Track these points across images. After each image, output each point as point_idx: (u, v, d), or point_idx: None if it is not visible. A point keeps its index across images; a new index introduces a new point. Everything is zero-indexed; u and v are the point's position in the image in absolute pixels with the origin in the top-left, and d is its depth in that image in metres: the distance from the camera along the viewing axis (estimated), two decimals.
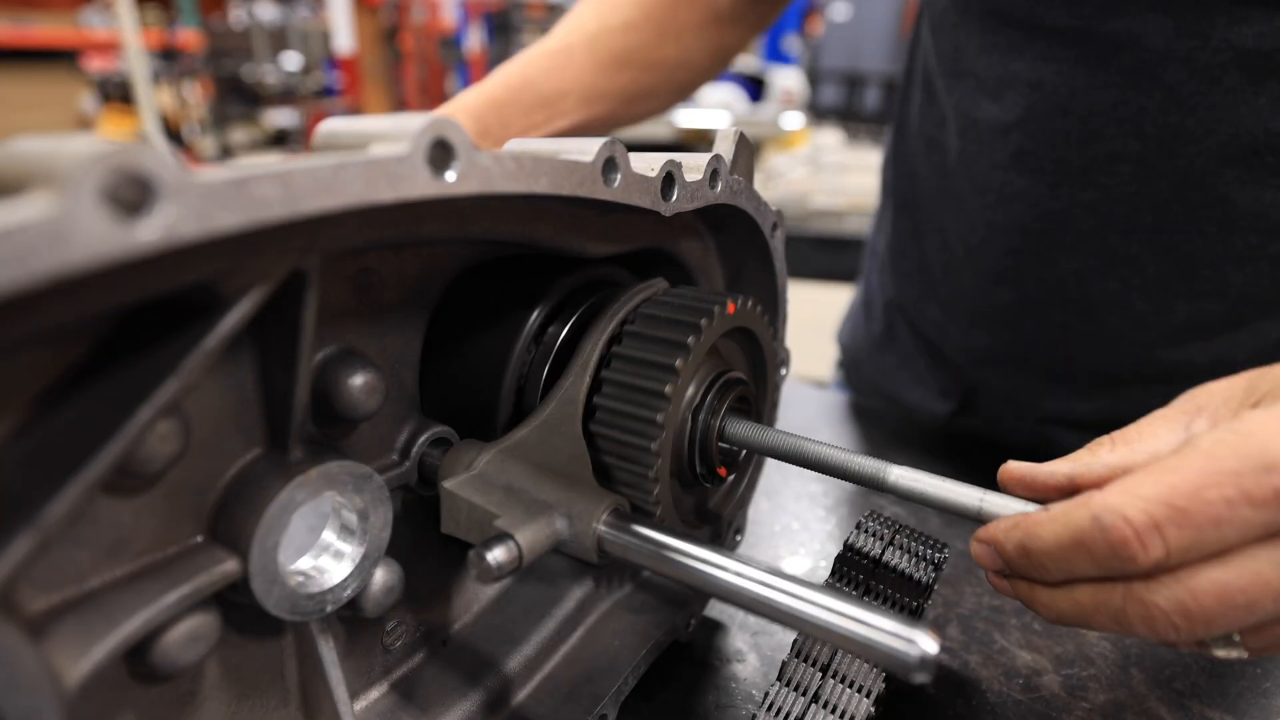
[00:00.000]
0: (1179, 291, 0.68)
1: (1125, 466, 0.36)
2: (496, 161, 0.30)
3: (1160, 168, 0.64)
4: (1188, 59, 0.59)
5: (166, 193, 0.21)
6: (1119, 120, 0.64)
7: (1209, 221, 0.64)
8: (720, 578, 0.33)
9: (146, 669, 0.31)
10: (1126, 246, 0.68)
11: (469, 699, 0.46)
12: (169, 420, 0.29)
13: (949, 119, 0.78)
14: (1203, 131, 0.61)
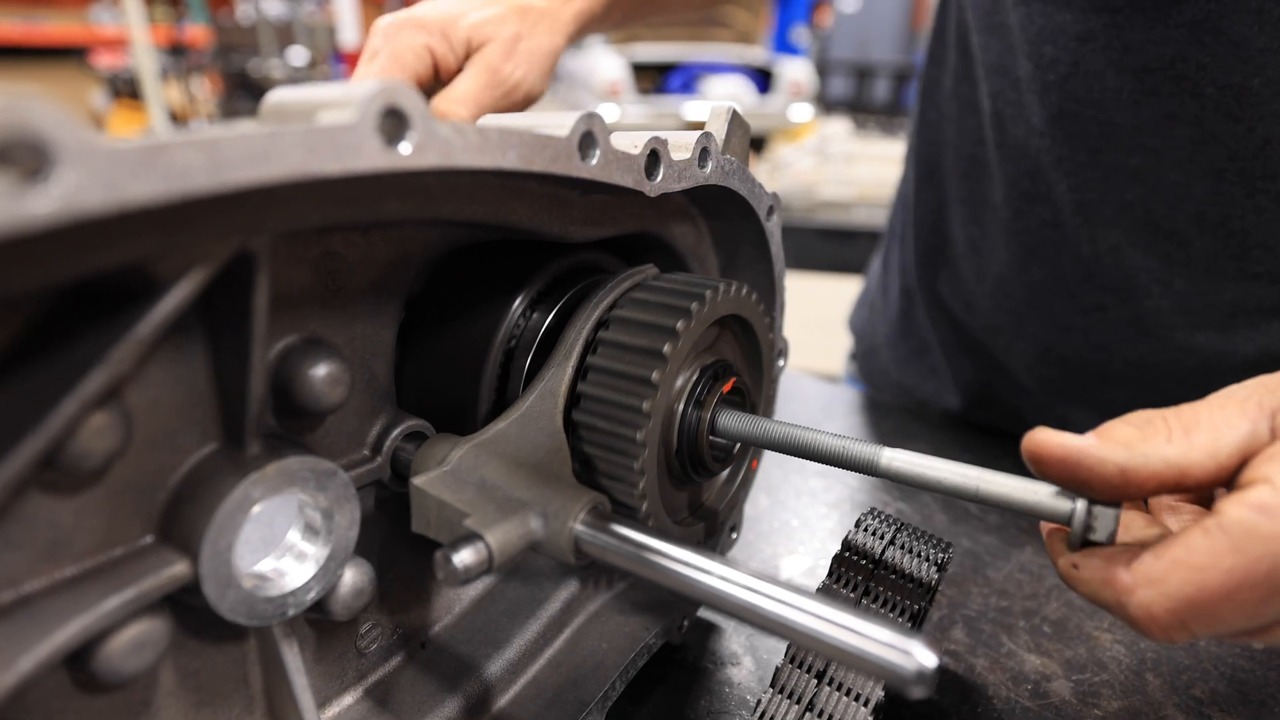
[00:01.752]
0: (1226, 271, 0.64)
1: (1181, 469, 0.32)
2: (458, 133, 0.28)
3: (1219, 132, 0.59)
4: (1259, 10, 0.55)
5: (66, 157, 0.19)
6: (1176, 78, 0.59)
7: (1267, 195, 0.60)
8: (704, 583, 0.31)
9: (90, 678, 0.29)
10: (1172, 220, 0.64)
11: (448, 705, 0.44)
12: (105, 412, 0.27)
13: (981, 80, 0.74)
14: (1270, 94, 0.56)
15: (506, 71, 0.60)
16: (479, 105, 0.59)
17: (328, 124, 0.24)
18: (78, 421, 0.25)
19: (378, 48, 0.59)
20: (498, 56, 0.60)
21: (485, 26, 0.60)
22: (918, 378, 0.96)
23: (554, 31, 0.64)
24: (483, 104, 0.59)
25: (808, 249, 2.57)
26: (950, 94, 0.81)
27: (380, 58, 0.59)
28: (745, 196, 0.49)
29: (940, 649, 0.39)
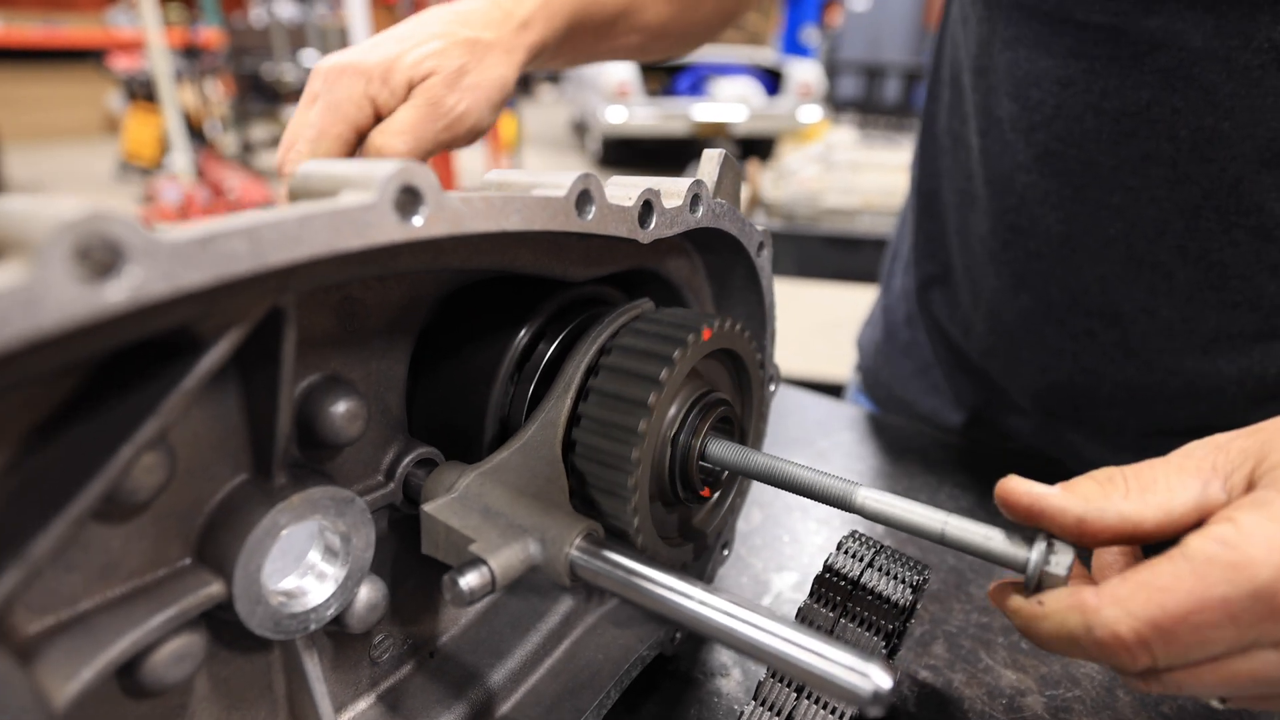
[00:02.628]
0: (1208, 301, 0.67)
1: (1135, 522, 0.36)
2: (465, 203, 0.32)
3: (1193, 172, 0.62)
4: (1227, 59, 0.58)
5: (134, 255, 0.22)
6: (1152, 121, 0.62)
7: (1242, 229, 0.63)
8: (685, 606, 0.34)
9: (136, 686, 0.33)
10: (1154, 253, 0.67)
11: (454, 710, 0.47)
12: (154, 453, 0.31)
13: (971, 116, 0.77)
14: (1239, 135, 0.60)
15: (449, 104, 0.60)
16: (418, 138, 0.58)
17: (350, 205, 0.27)
18: (129, 467, 0.28)
19: (317, 92, 0.59)
20: (439, 88, 0.59)
21: (426, 62, 0.59)
22: (919, 394, 0.98)
23: (503, 63, 0.64)
24: (422, 136, 0.59)
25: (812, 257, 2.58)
26: (945, 129, 0.85)
27: (319, 105, 0.58)
28: (736, 235, 0.52)
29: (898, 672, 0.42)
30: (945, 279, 0.90)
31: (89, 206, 0.21)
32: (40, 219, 0.21)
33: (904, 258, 1.01)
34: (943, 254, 0.90)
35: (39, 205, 0.22)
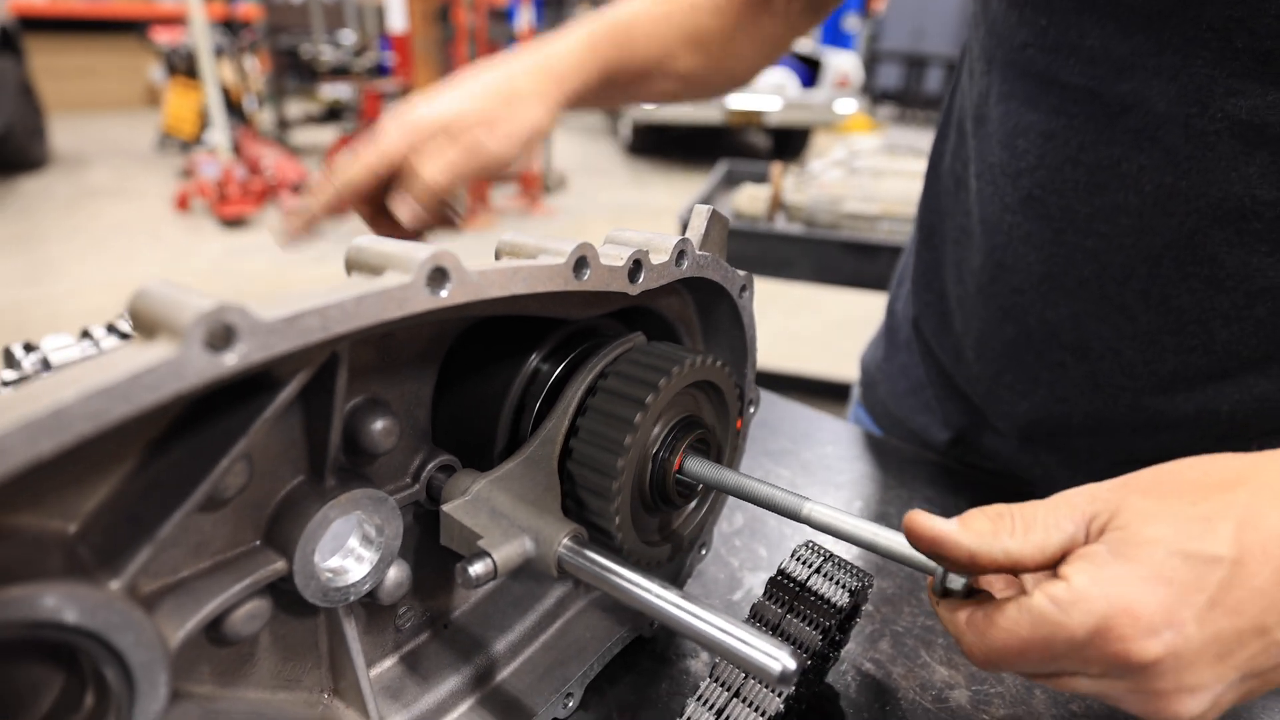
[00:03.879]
0: (1167, 344, 0.72)
1: (1016, 558, 0.43)
2: (482, 276, 0.40)
3: (1155, 224, 0.68)
4: (1186, 124, 0.63)
5: (243, 334, 0.31)
6: (1121, 176, 0.68)
7: (1197, 279, 0.68)
8: (644, 597, 0.43)
9: (219, 636, 0.42)
10: (1120, 295, 0.73)
11: (462, 672, 0.57)
12: (240, 463, 0.40)
13: (971, 160, 0.84)
14: (1195, 193, 0.65)
15: (487, 148, 0.76)
16: (457, 174, 0.75)
17: (393, 285, 0.36)
18: (222, 477, 0.38)
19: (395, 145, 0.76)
20: (480, 134, 0.76)
21: (469, 115, 0.76)
22: (911, 411, 1.05)
23: (536, 111, 0.79)
24: (461, 172, 0.75)
25: (830, 262, 2.64)
26: (948, 169, 0.91)
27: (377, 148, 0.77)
28: (719, 282, 0.60)
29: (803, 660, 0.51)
30: (940, 308, 0.97)
31: (216, 301, 0.30)
32: (183, 306, 0.30)
33: (906, 285, 1.07)
34: (939, 284, 0.96)
35: (179, 294, 0.31)
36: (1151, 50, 0.63)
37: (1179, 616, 0.38)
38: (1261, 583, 0.38)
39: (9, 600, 0.30)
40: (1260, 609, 0.38)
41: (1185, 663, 0.38)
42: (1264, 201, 0.63)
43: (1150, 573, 0.39)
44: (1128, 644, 0.38)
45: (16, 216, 5.94)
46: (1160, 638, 0.38)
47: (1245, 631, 0.38)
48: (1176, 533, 0.40)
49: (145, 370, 0.29)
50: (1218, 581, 0.38)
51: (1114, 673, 0.40)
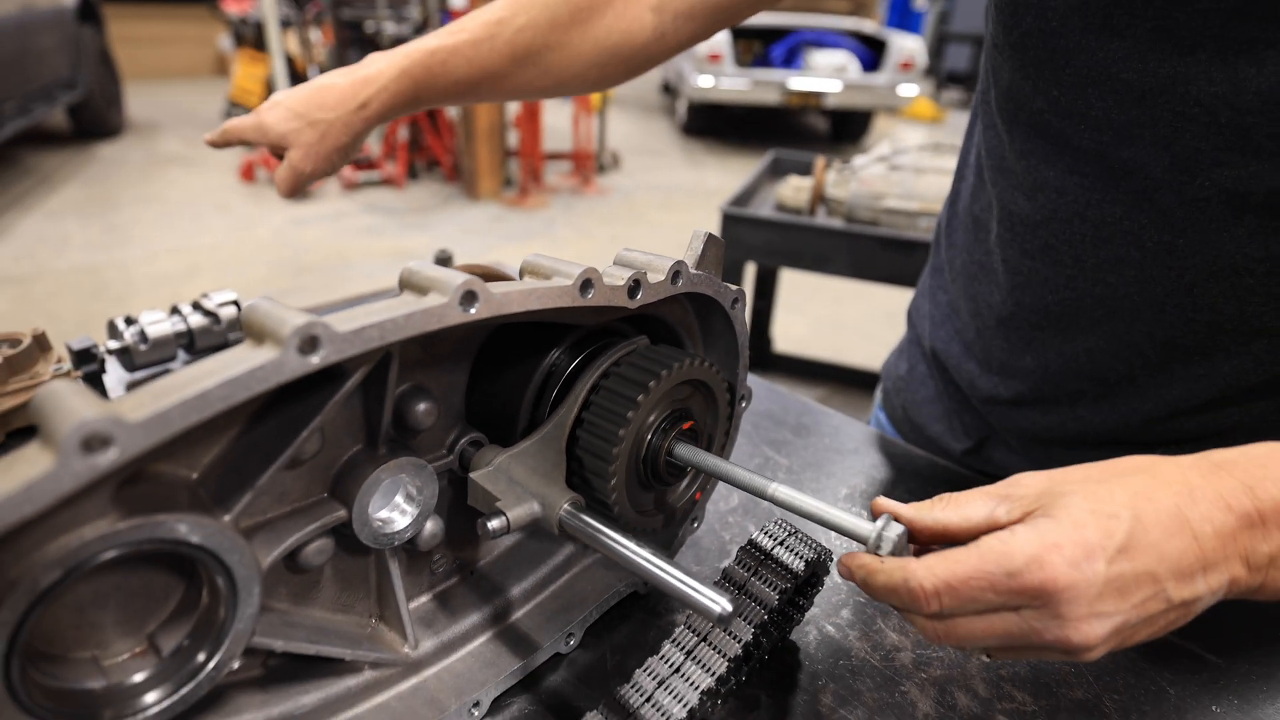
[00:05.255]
0: (1176, 374, 0.79)
1: (945, 527, 0.53)
2: (505, 295, 0.52)
3: (1157, 275, 0.74)
4: (1179, 189, 0.70)
5: (328, 342, 0.43)
6: (1124, 232, 0.75)
7: (1199, 323, 0.75)
8: (625, 554, 0.55)
9: (295, 565, 0.55)
10: (1130, 335, 0.79)
11: (483, 611, 0.69)
12: (316, 434, 0.52)
13: (992, 204, 0.90)
14: (1191, 250, 0.71)
15: (304, 168, 0.99)
16: (292, 183, 1.01)
17: (433, 305, 0.48)
18: (304, 443, 0.50)
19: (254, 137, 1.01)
20: (297, 158, 0.99)
21: (289, 136, 0.98)
22: (929, 419, 1.12)
23: (341, 136, 0.99)
24: (294, 182, 1.01)
25: (867, 257, 2.69)
26: (965, 208, 0.98)
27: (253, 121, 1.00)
28: (713, 296, 0.70)
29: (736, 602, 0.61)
30: (957, 339, 1.03)
31: (307, 318, 0.42)
32: (283, 322, 0.42)
33: (929, 304, 1.12)
34: (955, 319, 1.03)
35: (281, 311, 0.43)
36: (1147, 121, 0.70)
37: (1093, 555, 0.47)
38: (1153, 540, 0.48)
39: (157, 523, 0.43)
40: (1153, 560, 0.48)
41: (1094, 592, 0.47)
42: (1254, 258, 0.69)
43: (1072, 523, 0.49)
44: (1053, 570, 0.47)
45: (93, 181, 6.28)
46: (1078, 569, 0.47)
47: (1141, 576, 0.48)
48: (1087, 498, 0.50)
49: (258, 367, 0.40)
50: (1123, 533, 0.48)
51: (1037, 602, 0.48)
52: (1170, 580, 0.48)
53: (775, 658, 0.71)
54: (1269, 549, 0.49)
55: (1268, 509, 0.49)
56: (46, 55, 5.98)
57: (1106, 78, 0.71)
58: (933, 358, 1.10)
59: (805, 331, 4.35)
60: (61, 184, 6.15)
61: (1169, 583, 0.48)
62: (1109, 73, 0.70)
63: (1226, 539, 0.49)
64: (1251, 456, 0.53)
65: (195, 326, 1.09)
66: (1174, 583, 0.48)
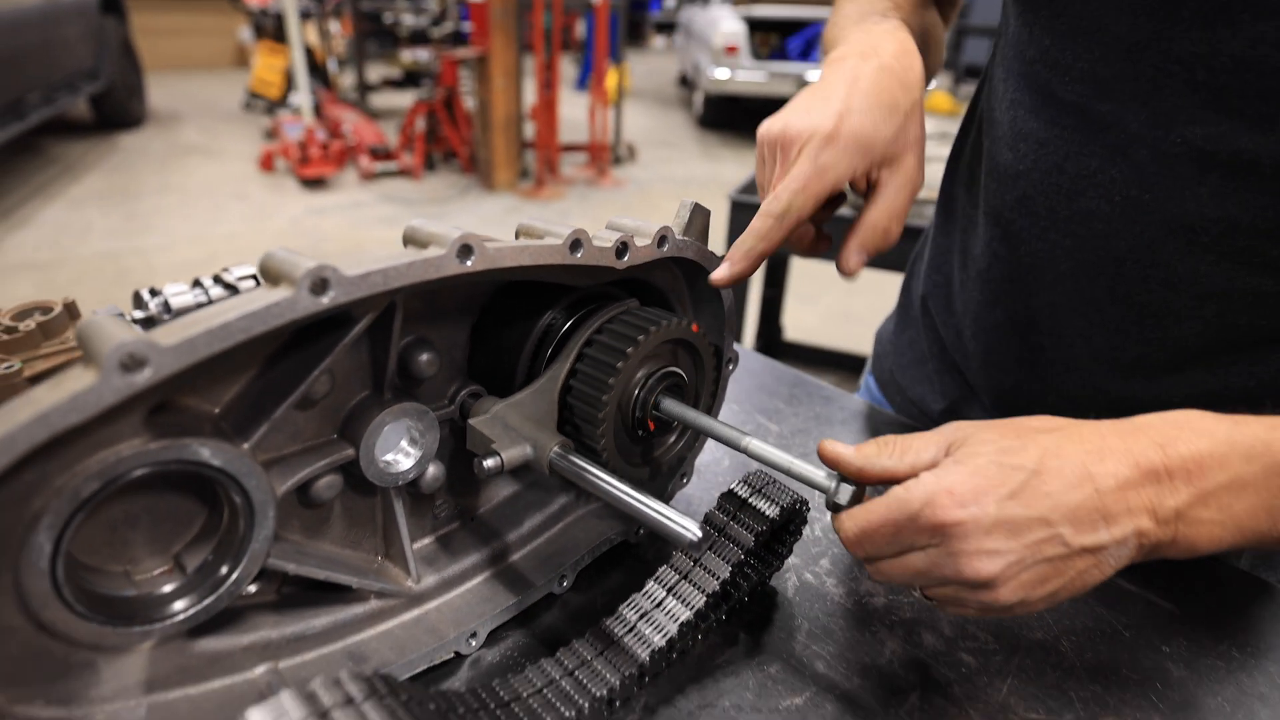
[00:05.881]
0: (1130, 335, 0.82)
1: (891, 471, 0.58)
2: (498, 251, 0.56)
3: (1121, 230, 0.77)
4: (1153, 145, 0.73)
5: (336, 284, 0.48)
6: (1097, 185, 0.78)
7: (1155, 280, 0.77)
8: (607, 489, 0.59)
9: (306, 499, 0.60)
10: (1092, 290, 0.82)
11: (482, 553, 0.74)
12: (326, 375, 0.57)
13: (984, 157, 0.94)
14: (1155, 206, 0.74)
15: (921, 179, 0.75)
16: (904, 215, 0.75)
17: (432, 256, 0.52)
18: (315, 381, 0.55)
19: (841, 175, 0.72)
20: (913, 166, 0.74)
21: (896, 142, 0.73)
22: (912, 381, 1.17)
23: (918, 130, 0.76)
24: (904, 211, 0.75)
25: None
26: (966, 162, 1.01)
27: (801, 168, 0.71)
28: (698, 261, 0.75)
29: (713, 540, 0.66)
30: (946, 289, 1.07)
31: (317, 262, 0.47)
32: (296, 266, 0.47)
33: (923, 263, 1.18)
34: (947, 268, 1.06)
35: (294, 257, 0.48)
36: (1130, 76, 0.73)
37: (983, 498, 0.52)
38: (1051, 490, 0.53)
39: (183, 445, 0.48)
40: (1047, 508, 0.52)
41: (982, 530, 0.52)
42: (1211, 218, 0.72)
43: (971, 470, 0.54)
44: (943, 511, 0.52)
45: (115, 171, 6.39)
46: (966, 509, 0.52)
47: (1033, 520, 0.52)
48: (997, 449, 0.55)
49: (274, 304, 0.45)
50: (1018, 482, 0.53)
51: (935, 540, 0.54)
52: (1065, 526, 0.52)
53: (755, 600, 0.75)
54: (1175, 503, 0.53)
55: (1175, 465, 0.53)
56: (70, 46, 6.08)
57: (1097, 29, 0.74)
58: (923, 308, 1.13)
59: (816, 322, 4.38)
60: (84, 173, 6.27)
61: (1064, 528, 0.52)
62: (1100, 25, 0.73)
63: (1129, 491, 0.53)
64: (1169, 419, 0.57)
65: (216, 298, 1.14)
66: (1070, 528, 0.52)
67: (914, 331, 1.17)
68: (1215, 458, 0.54)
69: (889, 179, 0.73)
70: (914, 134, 0.75)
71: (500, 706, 0.56)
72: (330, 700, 0.41)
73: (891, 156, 0.73)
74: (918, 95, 0.76)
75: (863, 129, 0.71)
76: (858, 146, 0.71)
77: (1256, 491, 0.54)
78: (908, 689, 0.66)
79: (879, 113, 0.72)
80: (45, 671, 0.49)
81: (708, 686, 0.66)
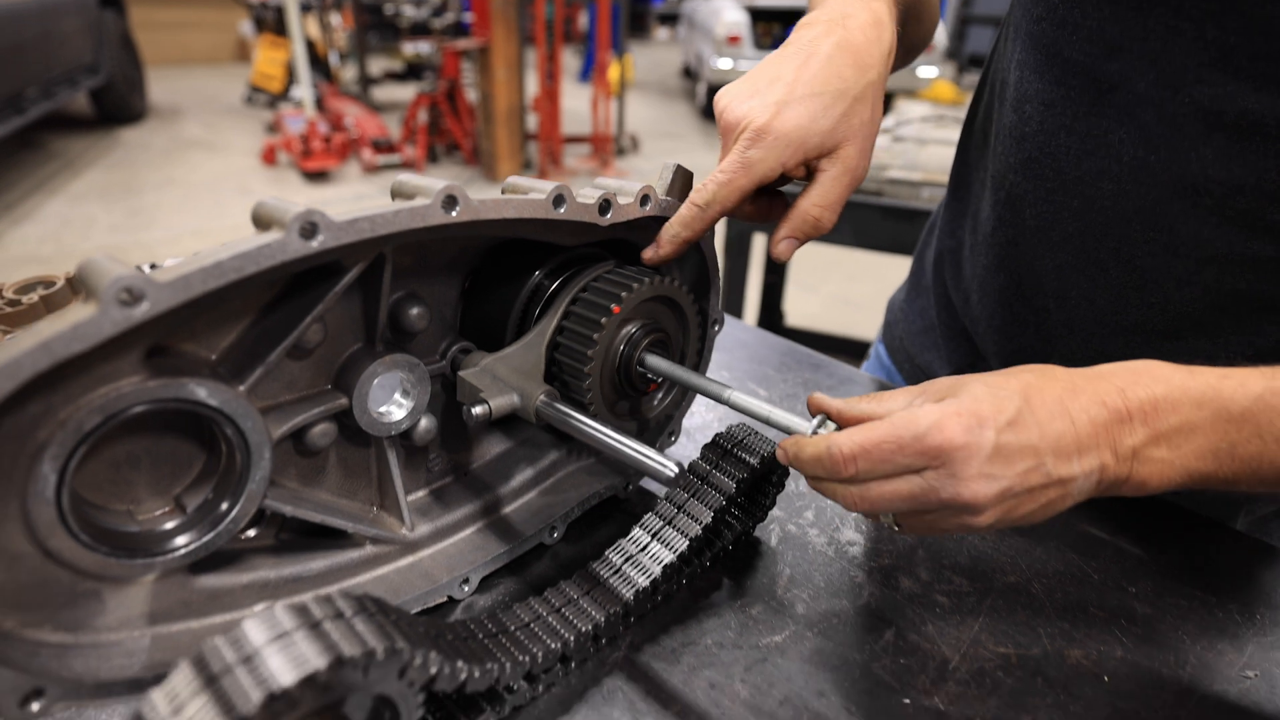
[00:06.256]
0: (1131, 299, 0.83)
1: (869, 414, 0.60)
2: (481, 203, 0.59)
3: (1129, 190, 0.78)
4: (1160, 105, 0.74)
5: (325, 229, 0.50)
6: (1104, 146, 0.78)
7: (1157, 244, 0.78)
8: (590, 432, 0.62)
9: (302, 447, 0.63)
10: (1097, 251, 0.83)
11: (474, 505, 0.76)
12: (318, 324, 0.60)
13: (994, 120, 0.95)
14: (1161, 168, 0.75)
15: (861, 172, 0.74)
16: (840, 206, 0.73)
17: (418, 206, 0.55)
18: (307, 329, 0.57)
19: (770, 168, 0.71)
20: (856, 161, 0.72)
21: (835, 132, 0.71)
22: (921, 348, 1.18)
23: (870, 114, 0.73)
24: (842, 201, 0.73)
25: (870, 226, 2.73)
26: (979, 126, 1.02)
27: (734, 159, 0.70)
28: None
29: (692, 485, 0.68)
30: (957, 254, 1.08)
31: (306, 207, 0.49)
32: (285, 211, 0.49)
33: (936, 230, 1.18)
34: (960, 232, 1.07)
35: (284, 204, 0.50)
36: (1138, 34, 0.73)
37: (985, 423, 0.54)
38: (1038, 419, 0.55)
39: (180, 384, 0.51)
40: (1036, 435, 0.55)
41: (984, 455, 0.54)
42: (1214, 180, 0.73)
43: (971, 398, 0.56)
44: (951, 433, 0.54)
45: (116, 166, 6.42)
46: (971, 433, 0.54)
47: (1025, 448, 0.54)
48: (988, 385, 0.57)
49: (265, 245, 0.48)
50: (1013, 409, 0.55)
51: (936, 462, 0.55)
52: (1049, 455, 0.55)
53: (739, 549, 0.78)
54: (1133, 442, 0.56)
55: (1133, 407, 0.56)
56: (69, 40, 6.10)
57: None
58: (935, 273, 1.14)
59: (818, 309, 4.39)
60: (85, 168, 6.30)
61: (1048, 457, 0.55)
62: None
63: (1099, 428, 0.55)
64: (1129, 367, 0.60)
65: None
66: (1053, 458, 0.55)
67: (925, 299, 1.18)
68: (1169, 402, 0.57)
69: (826, 168, 0.72)
70: (859, 121, 0.72)
71: (489, 637, 0.58)
72: (321, 614, 0.44)
73: (830, 147, 0.71)
74: (875, 75, 0.74)
75: (798, 122, 0.69)
76: (788, 142, 0.69)
77: (1204, 434, 0.56)
78: (883, 626, 0.68)
79: (821, 100, 0.70)
80: (53, 599, 0.52)
81: (691, 626, 0.69)
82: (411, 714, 0.49)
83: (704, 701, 0.62)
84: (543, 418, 0.66)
